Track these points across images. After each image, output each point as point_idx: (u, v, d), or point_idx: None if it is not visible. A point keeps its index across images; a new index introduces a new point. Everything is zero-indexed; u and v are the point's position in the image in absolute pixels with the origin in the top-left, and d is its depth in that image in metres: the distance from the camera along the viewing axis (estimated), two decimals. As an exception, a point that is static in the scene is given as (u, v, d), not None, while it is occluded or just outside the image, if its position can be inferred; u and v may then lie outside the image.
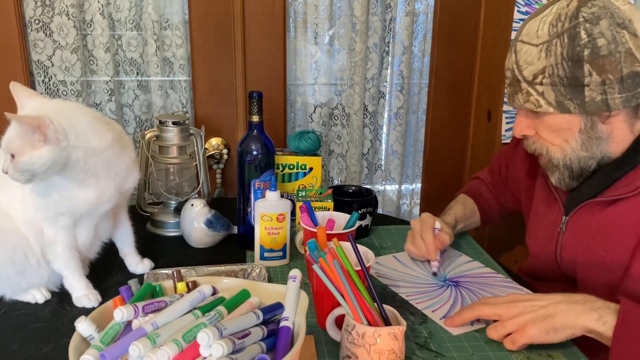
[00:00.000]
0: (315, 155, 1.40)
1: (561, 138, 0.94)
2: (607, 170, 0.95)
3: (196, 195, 1.35)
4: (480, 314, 0.90)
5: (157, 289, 0.75)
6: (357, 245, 0.85)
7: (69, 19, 1.49)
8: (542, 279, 1.09)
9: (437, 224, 1.13)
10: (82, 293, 0.97)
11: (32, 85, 1.51)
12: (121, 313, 0.66)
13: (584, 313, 0.82)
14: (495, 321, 0.89)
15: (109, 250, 1.08)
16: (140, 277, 1.01)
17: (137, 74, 1.61)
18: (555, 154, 0.95)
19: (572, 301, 0.84)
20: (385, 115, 1.79)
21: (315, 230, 1.00)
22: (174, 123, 1.30)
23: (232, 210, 1.24)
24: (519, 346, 0.84)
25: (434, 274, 1.09)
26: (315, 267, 0.78)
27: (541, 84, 0.90)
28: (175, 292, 0.75)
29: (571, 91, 0.88)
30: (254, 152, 1.15)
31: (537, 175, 1.13)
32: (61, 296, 0.99)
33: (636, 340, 0.78)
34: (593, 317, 0.81)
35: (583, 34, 0.86)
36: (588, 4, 0.87)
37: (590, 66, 0.86)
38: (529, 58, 0.90)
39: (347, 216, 1.11)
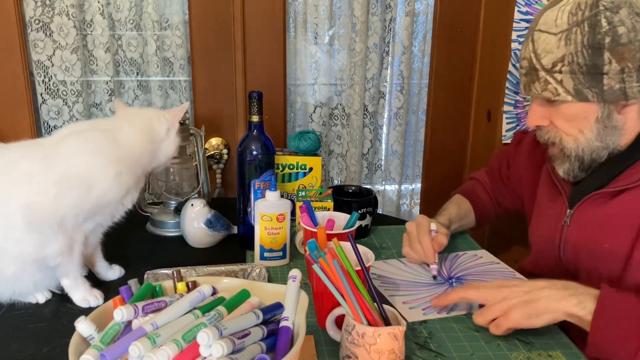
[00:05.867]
0: (315, 155, 1.40)
1: (576, 128, 0.94)
2: (613, 162, 0.95)
3: (196, 195, 1.35)
4: (467, 296, 0.92)
5: (157, 289, 0.75)
6: (357, 245, 0.85)
7: (69, 19, 1.49)
8: (542, 275, 1.09)
9: (433, 226, 1.13)
10: (85, 293, 0.97)
11: (32, 85, 1.51)
12: (121, 313, 0.66)
13: (564, 298, 0.84)
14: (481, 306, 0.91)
15: (109, 251, 1.08)
16: (140, 277, 1.01)
17: (137, 74, 1.61)
18: (569, 143, 0.95)
19: (554, 287, 0.87)
20: (385, 115, 1.79)
21: (315, 230, 1.00)
22: (174, 123, 1.30)
23: (232, 210, 1.24)
24: (503, 330, 0.86)
25: (434, 277, 1.09)
26: (315, 267, 0.78)
27: (560, 72, 0.90)
28: (175, 292, 0.76)
29: (590, 79, 0.89)
30: (254, 152, 1.15)
31: (541, 171, 1.13)
32: (61, 296, 0.98)
33: (614, 324, 0.80)
34: (573, 302, 0.83)
35: (604, 22, 0.86)
36: None
37: (610, 54, 0.87)
38: (548, 46, 0.91)
39: (347, 216, 1.11)
